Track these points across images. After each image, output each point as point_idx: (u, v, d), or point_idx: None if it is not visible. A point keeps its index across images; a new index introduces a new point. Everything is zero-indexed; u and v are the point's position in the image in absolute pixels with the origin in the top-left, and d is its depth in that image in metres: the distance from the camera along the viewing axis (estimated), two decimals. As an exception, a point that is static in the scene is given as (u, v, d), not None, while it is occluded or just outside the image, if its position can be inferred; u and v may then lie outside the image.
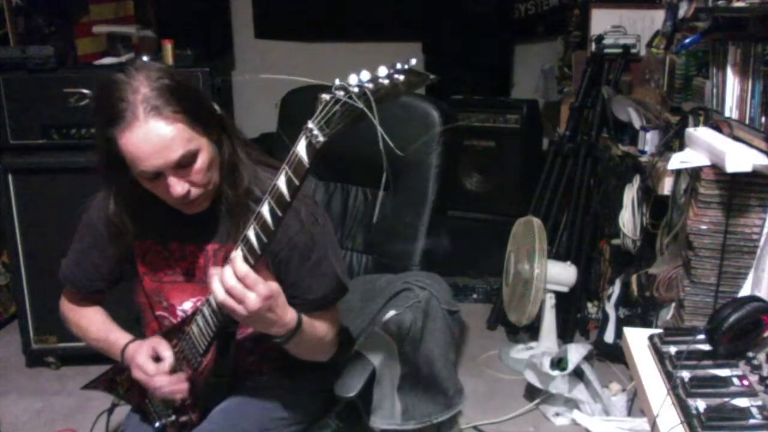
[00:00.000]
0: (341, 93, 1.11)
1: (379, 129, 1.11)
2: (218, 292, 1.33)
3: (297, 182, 1.21)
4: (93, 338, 1.71)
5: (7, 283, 3.36)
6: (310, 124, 1.16)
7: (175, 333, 1.58)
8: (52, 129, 2.77)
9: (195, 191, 1.43)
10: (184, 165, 1.40)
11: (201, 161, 1.42)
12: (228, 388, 1.64)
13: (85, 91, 2.71)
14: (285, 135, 2.41)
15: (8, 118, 2.76)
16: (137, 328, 1.71)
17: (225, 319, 1.43)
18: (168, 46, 2.90)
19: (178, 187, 1.40)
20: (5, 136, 2.77)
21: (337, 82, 1.11)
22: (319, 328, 1.56)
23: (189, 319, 1.54)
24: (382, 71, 1.11)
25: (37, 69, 2.73)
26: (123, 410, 1.77)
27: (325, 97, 1.13)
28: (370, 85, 1.10)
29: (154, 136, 1.35)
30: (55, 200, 2.78)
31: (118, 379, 1.75)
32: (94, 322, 1.72)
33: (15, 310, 3.10)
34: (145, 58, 2.76)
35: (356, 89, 1.10)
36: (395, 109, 1.11)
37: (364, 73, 1.11)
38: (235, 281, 1.31)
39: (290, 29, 4.63)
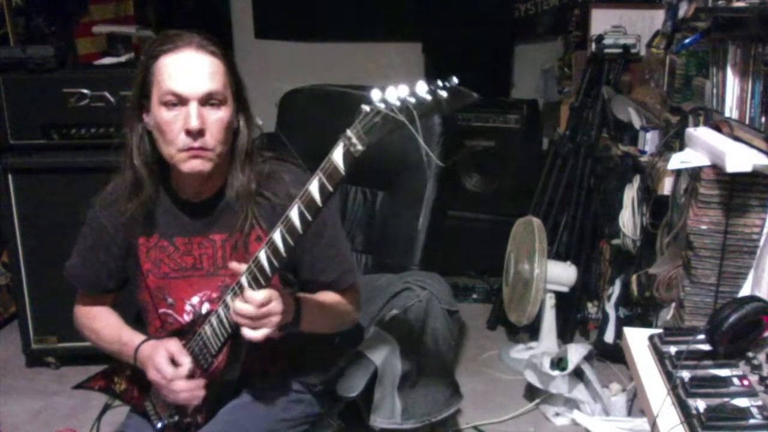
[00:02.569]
0: (383, 105, 1.12)
1: (422, 143, 1.14)
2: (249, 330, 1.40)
3: (330, 188, 1.23)
4: (105, 340, 1.71)
5: (7, 283, 3.36)
6: (349, 132, 1.17)
7: (184, 334, 1.59)
8: (52, 129, 2.77)
9: (207, 139, 1.46)
10: (209, 104, 1.45)
11: (223, 113, 1.47)
12: (235, 388, 1.64)
13: (85, 91, 2.72)
14: (283, 135, 2.41)
15: (8, 118, 2.75)
16: (139, 328, 1.71)
17: None
18: (168, 46, 2.89)
19: (196, 119, 1.43)
20: (5, 136, 2.77)
21: (378, 94, 1.14)
22: (323, 296, 1.59)
23: (200, 320, 1.55)
24: (422, 87, 1.13)
25: (37, 69, 2.73)
26: (123, 410, 1.76)
27: (366, 108, 1.15)
28: (412, 100, 1.12)
29: (197, 61, 1.45)
30: (55, 200, 2.77)
31: (115, 379, 1.75)
32: (106, 325, 1.72)
33: (15, 310, 3.10)
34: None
35: (398, 103, 1.11)
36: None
37: (402, 87, 1.13)
38: (251, 308, 1.37)
39: (290, 29, 4.62)
